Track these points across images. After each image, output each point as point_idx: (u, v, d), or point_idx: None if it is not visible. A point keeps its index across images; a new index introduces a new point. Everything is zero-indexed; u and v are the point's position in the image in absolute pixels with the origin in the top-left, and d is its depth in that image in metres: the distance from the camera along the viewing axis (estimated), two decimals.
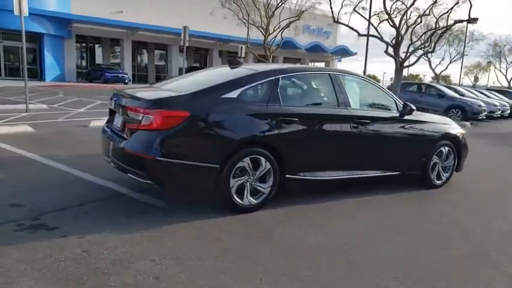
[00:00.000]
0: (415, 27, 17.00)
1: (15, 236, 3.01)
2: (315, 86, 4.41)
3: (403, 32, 16.62)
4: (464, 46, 37.13)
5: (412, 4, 16.42)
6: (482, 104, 16.96)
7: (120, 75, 27.03)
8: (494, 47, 53.61)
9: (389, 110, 4.78)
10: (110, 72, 26.94)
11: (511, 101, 21.31)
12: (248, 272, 2.72)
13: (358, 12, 16.45)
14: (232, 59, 4.52)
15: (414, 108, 4.77)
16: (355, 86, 4.65)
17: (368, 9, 16.93)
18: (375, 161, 4.62)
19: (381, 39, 16.16)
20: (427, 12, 16.85)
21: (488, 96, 20.18)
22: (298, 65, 4.93)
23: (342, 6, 16.97)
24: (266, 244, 3.18)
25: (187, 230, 3.34)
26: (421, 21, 16.54)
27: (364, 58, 21.27)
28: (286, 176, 3.94)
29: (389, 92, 4.94)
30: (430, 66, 38.30)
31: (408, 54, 16.94)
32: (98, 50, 32.36)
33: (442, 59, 40.43)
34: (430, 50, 18.36)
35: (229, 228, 3.44)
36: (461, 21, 16.53)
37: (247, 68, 4.20)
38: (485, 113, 16.97)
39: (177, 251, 2.95)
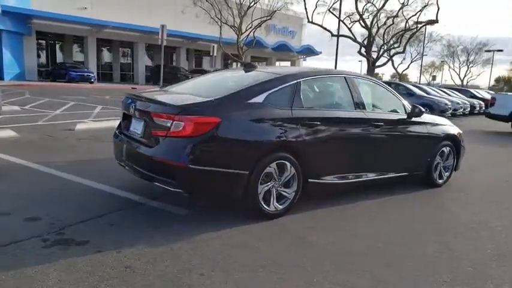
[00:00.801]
0: (386, 28, 17.49)
1: (46, 254, 2.81)
2: (333, 89, 4.43)
3: (374, 32, 17.04)
4: (424, 47, 38.82)
5: (382, 6, 16.89)
6: (448, 102, 17.78)
7: (86, 74, 26.04)
8: (448, 48, 56.40)
9: (398, 111, 4.88)
10: (75, 71, 25.88)
11: (469, 99, 22.42)
12: (304, 281, 2.68)
13: (332, 13, 16.74)
14: (247, 63, 4.45)
15: (423, 110, 4.90)
16: (367, 88, 4.71)
17: (339, 10, 17.31)
18: (388, 162, 4.71)
19: (354, 39, 16.53)
20: (396, 14, 17.35)
21: (449, 95, 21.13)
22: (316, 68, 4.93)
23: (316, 7, 17.19)
24: (307, 251, 3.15)
25: (222, 239, 3.25)
26: (393, 23, 17.06)
27: (335, 58, 21.78)
28: (309, 180, 3.94)
29: (397, 93, 5.05)
30: (393, 65, 39.69)
31: (380, 54, 17.43)
32: (60, 48, 30.99)
33: (404, 59, 41.99)
34: (400, 50, 19.02)
35: (263, 236, 3.38)
36: (430, 22, 17.18)
37: (268, 72, 4.15)
38: (451, 111, 17.79)
39: (221, 262, 2.87)
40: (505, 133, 13.16)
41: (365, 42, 17.17)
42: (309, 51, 45.40)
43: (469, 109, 20.80)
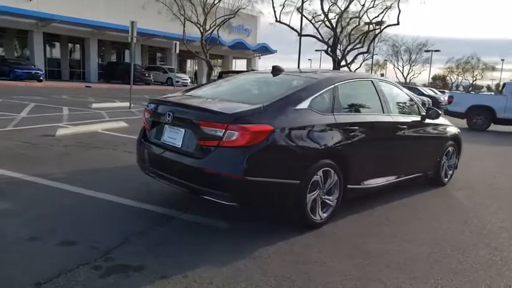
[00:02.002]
0: (352, 30, 17.94)
1: (107, 285, 2.50)
2: (364, 93, 4.39)
3: (339, 32, 17.42)
4: (374, 47, 40.36)
5: (346, 8, 17.30)
6: None
7: (34, 71, 24.25)
8: (393, 47, 59.21)
9: (415, 113, 4.95)
10: (21, 68, 24.01)
11: (420, 97, 23.67)
12: None
13: (301, 13, 16.87)
14: (274, 66, 4.28)
15: (440, 112, 5.02)
16: (389, 91, 4.72)
17: (304, 10, 17.49)
18: (410, 164, 4.78)
19: (321, 39, 16.79)
20: (358, 15, 17.85)
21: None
22: (346, 72, 4.85)
23: (284, 6, 17.24)
24: (372, 262, 3.08)
25: (281, 254, 3.09)
26: (359, 24, 17.52)
27: (298, 57, 22.00)
28: (348, 186, 3.87)
29: (411, 95, 5.13)
30: (346, 64, 40.95)
31: (345, 54, 17.85)
32: (0, 43, 28.64)
33: (355, 58, 43.45)
34: (364, 50, 19.61)
35: (321, 248, 3.26)
36: (392, 25, 17.86)
37: (304, 76, 4.03)
38: None
39: (298, 280, 2.71)
40: (463, 129, 14.00)
41: (330, 42, 17.48)
42: (265, 50, 45.67)
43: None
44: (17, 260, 2.73)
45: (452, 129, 5.71)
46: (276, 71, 4.24)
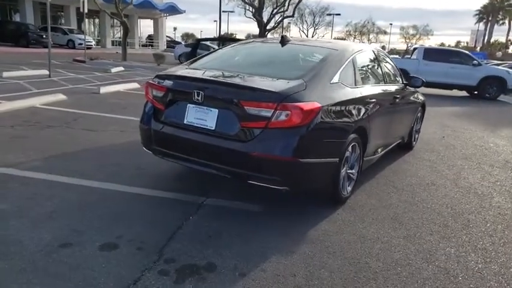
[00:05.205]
0: None
1: None
2: (371, 64, 4.38)
3: None
4: (284, 10, 40.84)
5: None
6: None
7: None
8: (298, 10, 60.68)
9: (400, 81, 5.12)
10: None
11: None
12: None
13: None
14: (283, 35, 4.04)
15: (424, 80, 5.26)
16: (384, 60, 4.79)
17: None
18: (397, 131, 5.00)
19: (250, 3, 16.40)
20: None
21: None
22: (347, 42, 4.73)
23: None
24: (406, 226, 3.21)
25: (335, 233, 3.05)
26: None
27: (218, 19, 21.31)
28: (364, 158, 3.93)
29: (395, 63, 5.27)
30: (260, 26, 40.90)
31: (270, 18, 17.75)
32: None
33: (281, 21, 43.61)
34: (289, 14, 19.64)
35: (363, 221, 3.30)
36: None
37: (323, 47, 3.89)
38: None
39: (370, 262, 2.72)
40: None
41: (256, 4, 17.18)
42: (173, 10, 43.38)
43: None
44: (66, 275, 2.27)
45: (420, 96, 6.08)
46: (285, 41, 4.01)
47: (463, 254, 2.91)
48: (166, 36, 54.80)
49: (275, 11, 18.54)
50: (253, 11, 16.89)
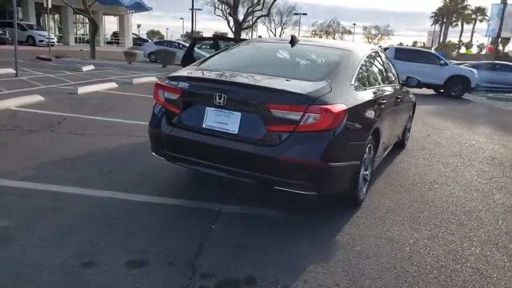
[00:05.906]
0: None
1: None
2: (378, 64, 4.35)
3: None
4: (253, 10, 40.81)
5: None
6: None
7: None
8: (268, 10, 60.91)
9: (397, 81, 5.15)
10: None
11: None
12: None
13: None
14: (293, 35, 3.94)
15: (420, 81, 5.32)
16: (385, 61, 4.79)
17: None
18: (396, 131, 5.02)
19: (225, 1, 16.20)
20: None
21: None
22: (353, 42, 4.68)
23: None
24: (425, 226, 3.22)
25: (361, 237, 3.00)
26: None
27: (191, 18, 20.95)
28: (375, 159, 3.91)
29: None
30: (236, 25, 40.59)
31: (245, 16, 17.62)
32: None
33: (256, 21, 43.33)
34: (264, 14, 19.55)
35: (383, 222, 3.28)
36: None
37: (336, 48, 3.82)
38: None
39: (403, 263, 2.68)
40: None
41: (231, 3, 17.00)
42: (139, 6, 42.34)
43: None
44: None
45: (412, 95, 6.17)
46: (296, 41, 3.91)
47: (489, 253, 2.94)
48: (132, 34, 53.38)
49: (250, 9, 18.42)
50: (227, 9, 16.68)
